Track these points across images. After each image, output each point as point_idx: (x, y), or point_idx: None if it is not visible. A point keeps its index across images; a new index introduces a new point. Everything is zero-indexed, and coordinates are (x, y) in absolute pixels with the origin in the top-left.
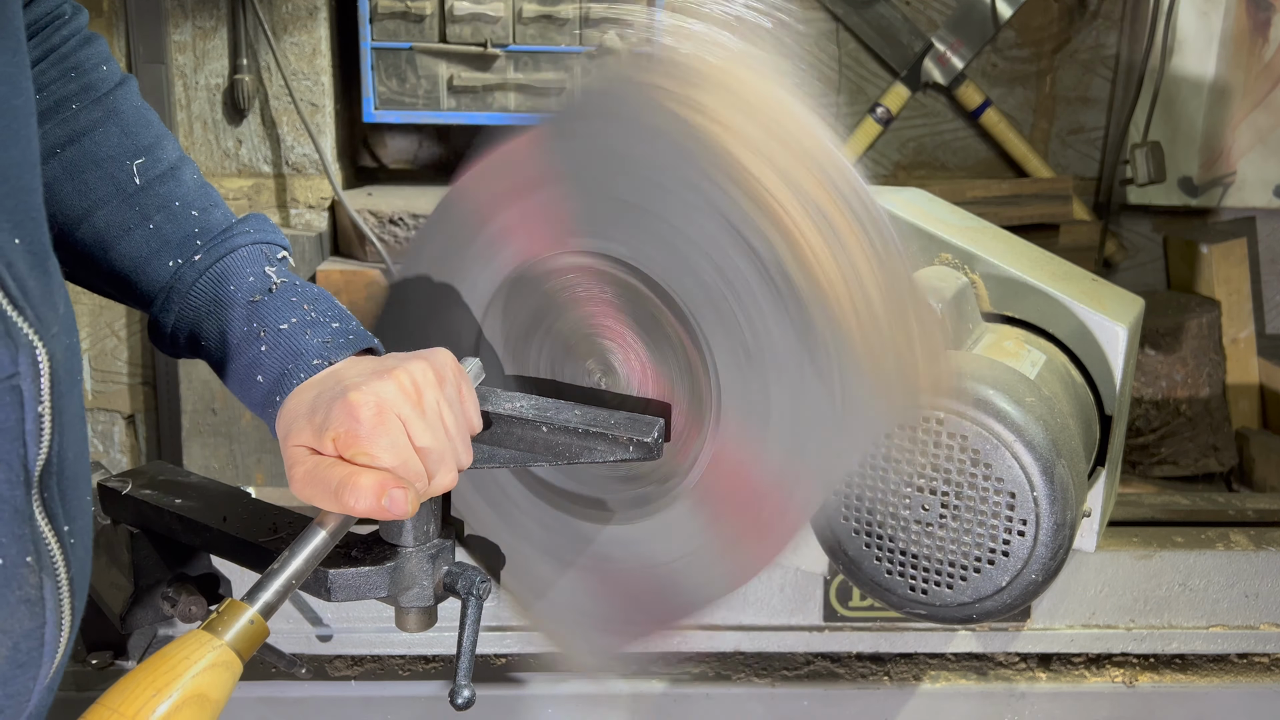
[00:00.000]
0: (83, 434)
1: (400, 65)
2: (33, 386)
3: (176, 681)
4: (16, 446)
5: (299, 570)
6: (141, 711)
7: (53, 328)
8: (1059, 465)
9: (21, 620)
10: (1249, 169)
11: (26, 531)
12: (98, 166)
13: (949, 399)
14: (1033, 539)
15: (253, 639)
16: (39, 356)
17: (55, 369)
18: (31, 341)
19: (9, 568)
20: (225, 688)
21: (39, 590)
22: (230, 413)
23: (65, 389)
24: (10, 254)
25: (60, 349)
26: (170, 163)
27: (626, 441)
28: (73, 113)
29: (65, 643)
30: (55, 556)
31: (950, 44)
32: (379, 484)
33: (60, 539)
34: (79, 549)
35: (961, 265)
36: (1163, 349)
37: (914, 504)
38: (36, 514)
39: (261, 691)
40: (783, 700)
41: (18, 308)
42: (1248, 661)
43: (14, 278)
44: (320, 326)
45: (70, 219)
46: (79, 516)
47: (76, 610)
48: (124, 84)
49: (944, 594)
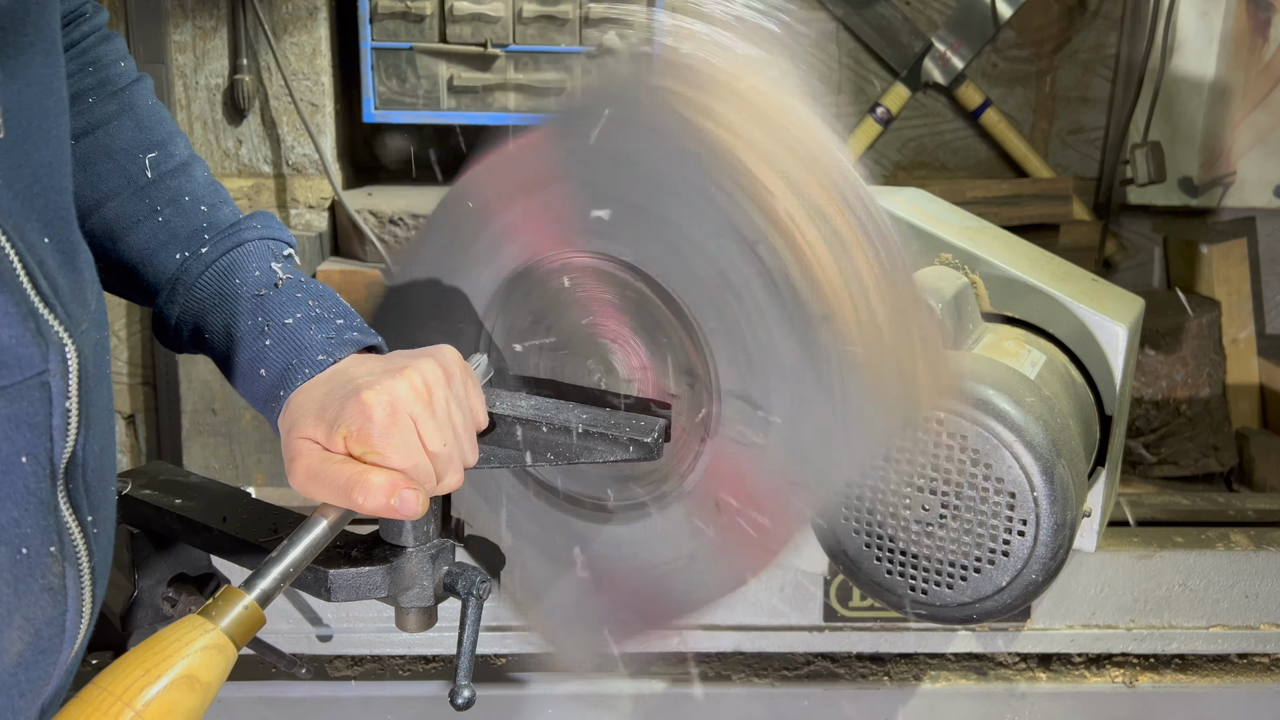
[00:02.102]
0: (109, 426)
1: (400, 65)
2: (61, 383)
3: (167, 663)
4: (44, 441)
5: (297, 561)
6: (130, 690)
7: (82, 324)
8: (1059, 465)
9: (44, 608)
10: (1249, 169)
11: (51, 522)
12: (110, 159)
13: (950, 400)
14: (1033, 539)
15: (248, 626)
16: (68, 354)
17: (84, 365)
18: (61, 339)
19: (33, 557)
20: (218, 671)
21: (61, 579)
22: (230, 413)
23: (93, 384)
24: (41, 252)
25: (89, 345)
26: (182, 159)
27: (626, 442)
28: (89, 106)
29: (85, 629)
30: (79, 546)
31: (950, 44)
32: (390, 484)
33: (84, 529)
34: (102, 538)
35: (961, 265)
36: (1163, 349)
37: (914, 504)
38: (61, 505)
39: (261, 691)
40: (783, 700)
41: (49, 305)
42: (1248, 661)
43: (45, 275)
44: (325, 323)
45: (81, 210)
46: (103, 506)
47: (97, 598)
48: (140, 81)
49: (944, 594)
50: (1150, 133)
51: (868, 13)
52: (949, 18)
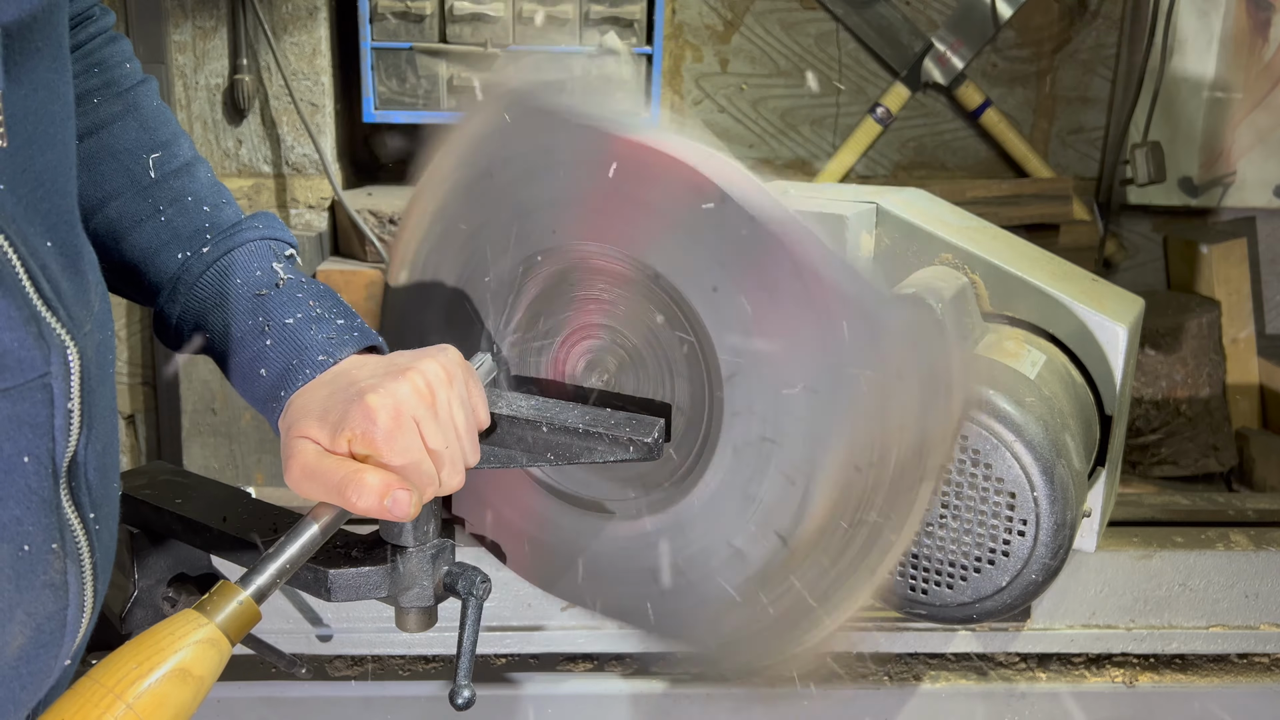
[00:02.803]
0: (112, 425)
1: (400, 65)
2: (63, 385)
3: (160, 656)
4: (46, 441)
5: (293, 558)
6: (123, 683)
7: (85, 325)
8: (1059, 465)
9: (45, 603)
10: (1249, 169)
11: (53, 520)
12: (114, 158)
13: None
14: (1033, 539)
15: (243, 621)
16: (70, 356)
17: (86, 366)
18: (63, 341)
19: (35, 554)
20: (211, 666)
21: (63, 575)
22: (230, 413)
23: (95, 384)
24: (44, 256)
25: (92, 346)
26: (185, 159)
27: (627, 442)
28: (94, 106)
29: (87, 623)
30: (80, 543)
31: (950, 44)
32: (384, 484)
33: (86, 526)
34: (104, 535)
35: (961, 265)
36: (1163, 349)
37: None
38: (64, 503)
39: (261, 691)
40: (783, 700)
41: (51, 308)
42: (1248, 661)
43: (48, 279)
44: (325, 323)
45: (85, 209)
46: (105, 504)
47: (99, 592)
48: (145, 83)
49: (944, 594)
50: (1150, 133)
51: (868, 13)
52: (949, 18)
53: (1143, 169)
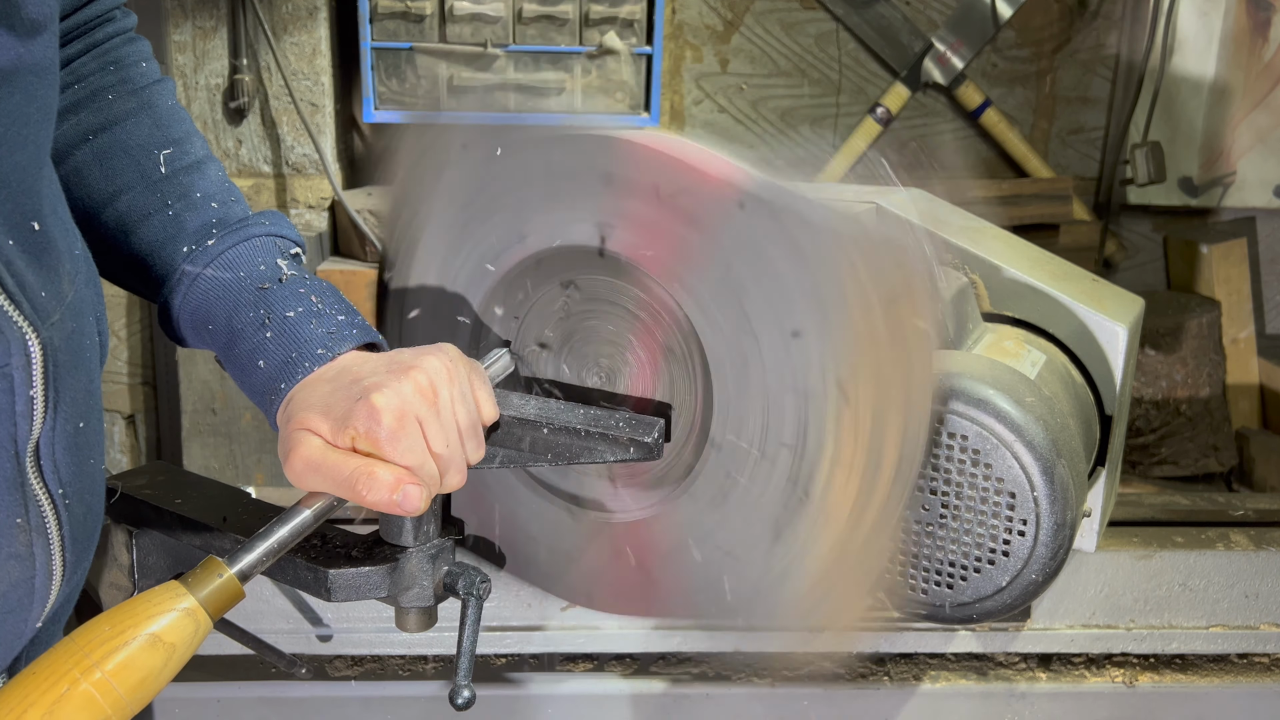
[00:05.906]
0: (92, 404)
1: (400, 65)
2: (24, 374)
3: (136, 624)
4: (8, 425)
5: (283, 539)
6: (101, 649)
7: (53, 316)
8: (1059, 465)
9: (11, 572)
10: (1249, 169)
11: (18, 497)
12: (126, 154)
13: (949, 400)
14: (1033, 539)
15: (224, 597)
16: (31, 347)
17: (54, 355)
18: (23, 333)
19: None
20: (187, 637)
21: (29, 548)
22: (230, 413)
23: (65, 371)
24: (7, 252)
25: (62, 335)
26: (197, 157)
27: (627, 442)
28: (108, 102)
29: (57, 589)
30: (47, 517)
31: (950, 44)
32: (395, 479)
33: (54, 500)
34: (76, 508)
35: (961, 265)
36: (1163, 349)
37: (914, 504)
38: (31, 480)
39: (261, 691)
40: (783, 700)
41: (14, 301)
42: (1248, 661)
43: (12, 274)
44: (326, 318)
45: (96, 203)
46: (78, 479)
47: (71, 563)
48: (161, 82)
49: (944, 594)
50: (1150, 133)
51: (868, 13)
52: (949, 18)
53: (1143, 169)
